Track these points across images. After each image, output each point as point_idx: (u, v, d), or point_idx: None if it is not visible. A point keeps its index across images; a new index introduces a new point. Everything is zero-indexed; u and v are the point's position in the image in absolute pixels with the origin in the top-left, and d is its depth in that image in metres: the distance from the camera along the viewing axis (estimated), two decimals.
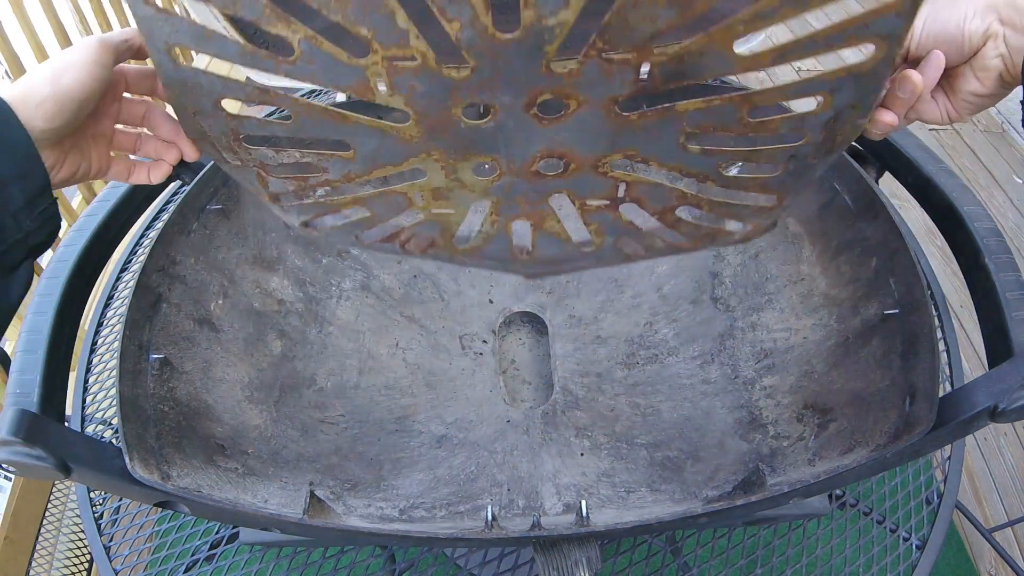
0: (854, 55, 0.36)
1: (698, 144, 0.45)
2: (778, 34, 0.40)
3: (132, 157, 0.46)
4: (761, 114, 0.42)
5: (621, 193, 0.52)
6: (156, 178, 0.45)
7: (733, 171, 0.48)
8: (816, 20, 0.48)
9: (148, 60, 0.39)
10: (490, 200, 0.53)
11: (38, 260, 1.27)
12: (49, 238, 0.38)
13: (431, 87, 0.39)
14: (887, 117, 0.41)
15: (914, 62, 0.41)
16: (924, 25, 0.40)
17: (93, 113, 0.40)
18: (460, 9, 0.34)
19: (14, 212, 0.35)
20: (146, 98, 0.43)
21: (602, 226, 0.57)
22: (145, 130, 0.45)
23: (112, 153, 0.43)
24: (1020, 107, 0.39)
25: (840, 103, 0.40)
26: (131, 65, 0.41)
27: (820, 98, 0.40)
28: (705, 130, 0.43)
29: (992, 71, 0.39)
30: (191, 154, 0.45)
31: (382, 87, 0.39)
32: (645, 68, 0.38)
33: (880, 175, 0.63)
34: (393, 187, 0.53)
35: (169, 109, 0.41)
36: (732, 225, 0.59)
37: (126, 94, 0.43)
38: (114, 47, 0.38)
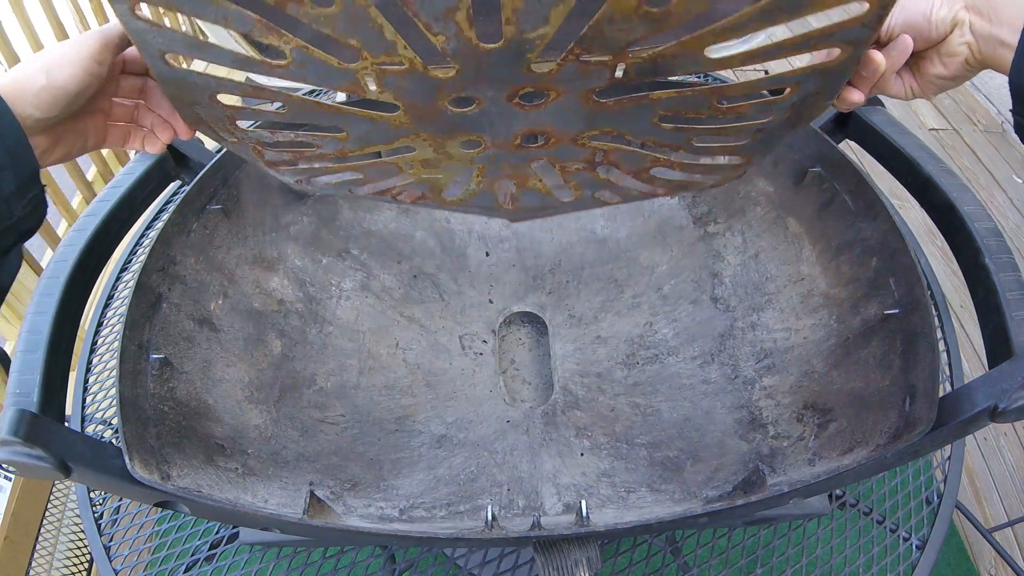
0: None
1: (671, 123, 0.46)
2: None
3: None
4: (731, 100, 0.43)
5: (599, 158, 0.53)
6: (151, 149, 0.46)
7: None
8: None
9: None
10: (477, 167, 0.54)
11: (38, 259, 1.26)
12: (37, 224, 0.38)
13: (419, 86, 0.40)
14: (853, 96, 0.42)
15: (882, 45, 0.42)
16: (894, 11, 0.41)
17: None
18: (445, 26, 0.35)
19: (6, 197, 0.36)
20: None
21: (581, 183, 0.57)
22: (141, 101, 0.45)
23: (109, 123, 0.44)
24: (1011, 115, 0.40)
25: (807, 91, 0.41)
26: (129, 49, 0.41)
27: (788, 89, 0.41)
28: (678, 114, 0.45)
29: (958, 57, 0.39)
30: (185, 133, 0.45)
31: (372, 86, 0.41)
32: (620, 68, 0.39)
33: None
34: (384, 159, 0.53)
35: None
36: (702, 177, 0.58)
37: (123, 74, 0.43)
38: (115, 44, 0.39)
